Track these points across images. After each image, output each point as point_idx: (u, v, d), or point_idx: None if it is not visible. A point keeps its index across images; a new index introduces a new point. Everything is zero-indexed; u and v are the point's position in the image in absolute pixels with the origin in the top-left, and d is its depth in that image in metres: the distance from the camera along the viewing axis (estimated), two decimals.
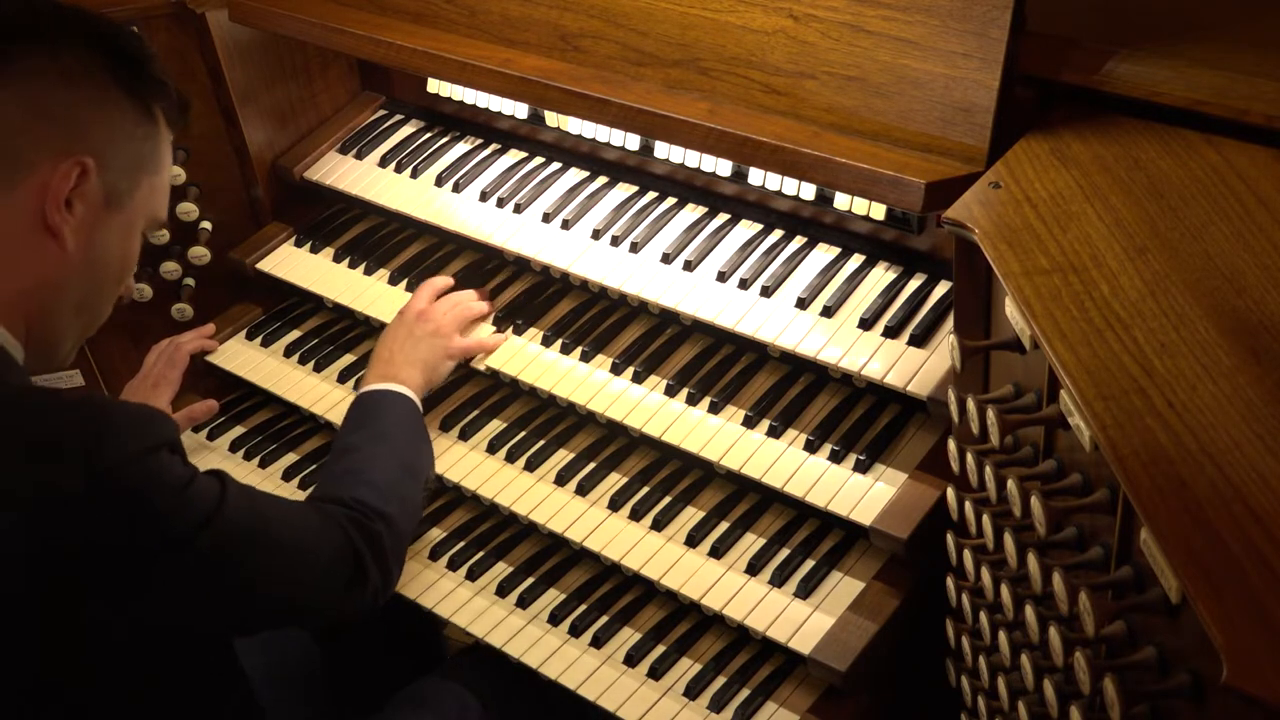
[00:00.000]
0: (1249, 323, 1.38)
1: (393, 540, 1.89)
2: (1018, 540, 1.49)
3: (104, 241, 1.58)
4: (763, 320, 2.09)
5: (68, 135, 1.51)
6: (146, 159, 1.61)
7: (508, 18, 2.27)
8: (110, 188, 1.56)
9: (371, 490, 1.91)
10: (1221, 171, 1.61)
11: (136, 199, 1.60)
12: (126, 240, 1.62)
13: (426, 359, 2.23)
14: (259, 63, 2.60)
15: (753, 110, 2.01)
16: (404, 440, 2.09)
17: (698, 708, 1.94)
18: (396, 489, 1.97)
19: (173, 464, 1.51)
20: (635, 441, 2.23)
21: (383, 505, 1.90)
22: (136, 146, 1.59)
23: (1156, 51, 1.73)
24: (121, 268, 1.64)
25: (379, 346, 2.27)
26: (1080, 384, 1.33)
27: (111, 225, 1.58)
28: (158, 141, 1.63)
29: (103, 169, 1.54)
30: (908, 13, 1.84)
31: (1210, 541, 1.15)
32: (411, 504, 2.02)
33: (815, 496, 1.96)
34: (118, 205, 1.58)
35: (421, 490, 2.08)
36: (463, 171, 2.54)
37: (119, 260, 1.62)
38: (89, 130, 1.53)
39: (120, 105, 1.57)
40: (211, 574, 1.56)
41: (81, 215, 1.54)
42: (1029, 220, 1.58)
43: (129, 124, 1.58)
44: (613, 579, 2.15)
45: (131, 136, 1.58)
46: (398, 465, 2.02)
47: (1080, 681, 1.30)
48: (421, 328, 2.26)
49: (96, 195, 1.54)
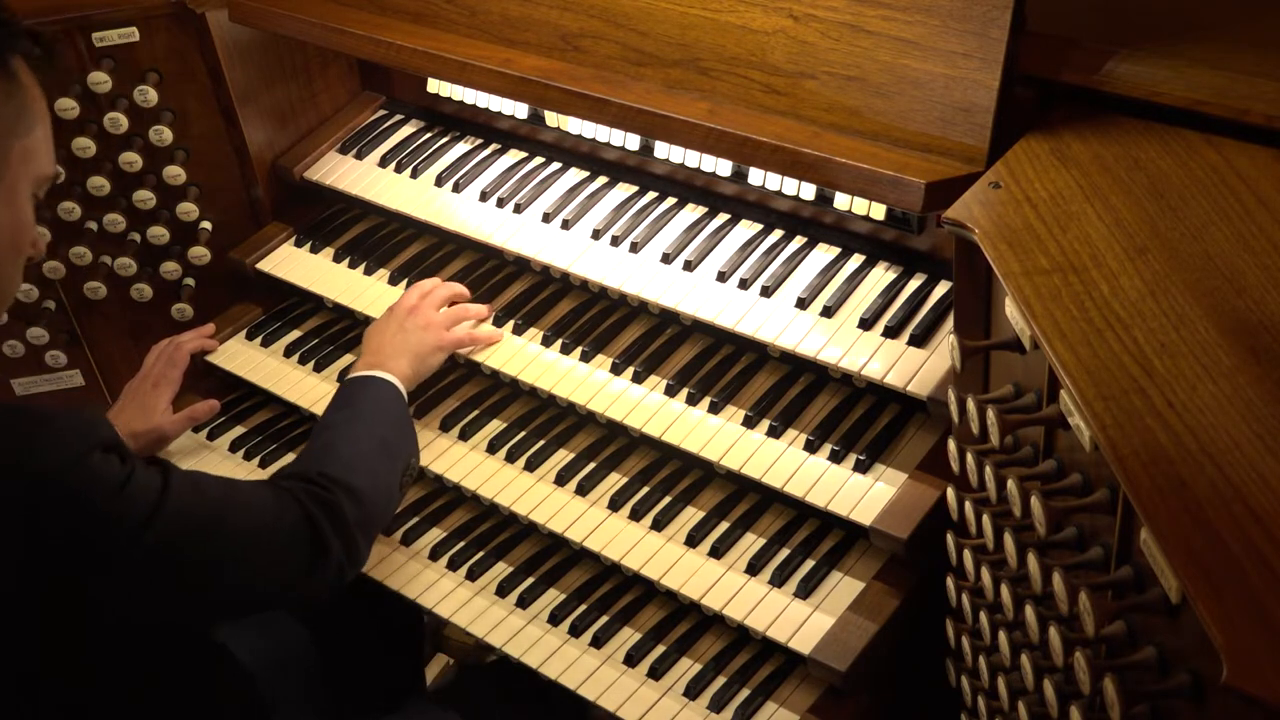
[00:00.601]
0: (1249, 323, 1.38)
1: (357, 511, 1.85)
2: (1018, 540, 1.49)
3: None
4: (763, 320, 2.09)
5: None
6: (13, 121, 1.52)
7: (508, 18, 2.27)
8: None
9: (337, 463, 1.89)
10: (1221, 171, 1.61)
11: (11, 165, 1.52)
12: (12, 208, 1.54)
13: (416, 350, 2.21)
14: (259, 63, 2.60)
15: (753, 110, 2.01)
16: (380, 419, 2.07)
17: (698, 708, 1.94)
18: (366, 462, 1.94)
19: (108, 463, 1.50)
20: (635, 441, 2.23)
21: (347, 477, 1.87)
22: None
23: (1156, 51, 1.73)
24: (15, 236, 1.56)
25: (367, 338, 2.27)
26: (1080, 384, 1.33)
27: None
28: (22, 99, 1.53)
29: None
30: (908, 13, 1.84)
31: (1210, 541, 1.15)
32: (385, 480, 1.99)
33: (815, 496, 1.96)
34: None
35: (401, 472, 2.06)
36: (463, 171, 2.54)
37: (10, 231, 1.54)
38: None
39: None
40: (166, 566, 1.55)
41: None
42: (1029, 220, 1.58)
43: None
44: (613, 579, 2.15)
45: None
46: (370, 441, 2.00)
47: (1080, 681, 1.30)
48: (412, 321, 2.25)
49: None
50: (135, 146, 2.56)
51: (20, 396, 2.82)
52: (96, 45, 2.47)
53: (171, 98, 2.55)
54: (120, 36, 2.48)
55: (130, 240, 2.65)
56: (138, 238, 2.65)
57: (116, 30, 2.47)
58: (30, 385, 2.81)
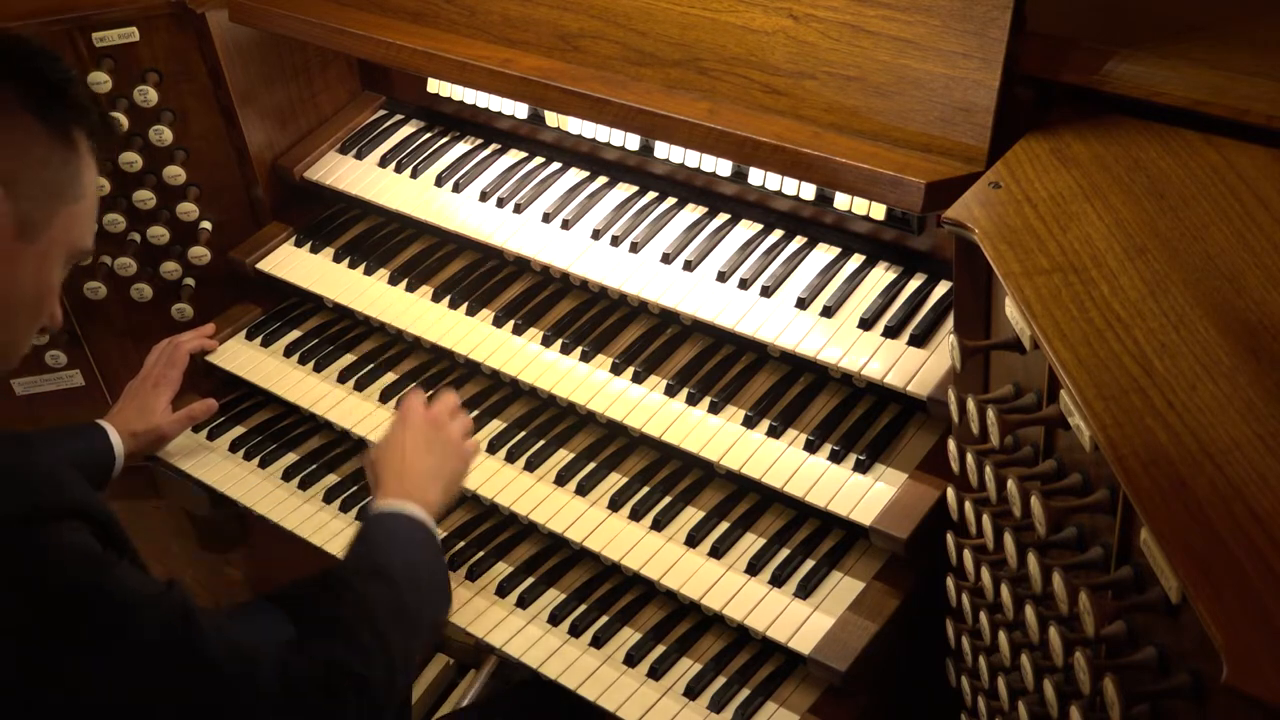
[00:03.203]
0: (1249, 323, 1.38)
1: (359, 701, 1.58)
2: (1018, 540, 1.49)
3: (16, 272, 1.50)
4: (763, 320, 2.09)
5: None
6: (64, 187, 1.53)
7: (508, 18, 2.27)
8: (22, 218, 1.48)
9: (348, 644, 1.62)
10: (1221, 171, 1.61)
11: (53, 229, 1.52)
12: (42, 272, 1.53)
13: (449, 475, 2.01)
14: (259, 63, 2.60)
15: (753, 110, 2.01)
16: (408, 581, 1.77)
17: (698, 708, 1.94)
18: (384, 640, 1.65)
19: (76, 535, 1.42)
20: (635, 441, 2.23)
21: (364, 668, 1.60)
22: (52, 175, 1.51)
23: (1156, 51, 1.73)
24: (39, 301, 1.55)
25: (385, 453, 2.00)
26: (1080, 384, 1.33)
27: (24, 257, 1.50)
28: (77, 168, 1.54)
29: (15, 198, 1.46)
30: (908, 13, 1.84)
31: (1210, 541, 1.15)
32: (401, 658, 1.69)
33: (815, 496, 1.96)
34: (30, 236, 1.49)
35: (422, 639, 1.82)
36: (463, 171, 2.54)
37: (33, 292, 1.53)
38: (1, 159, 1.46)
39: (32, 132, 1.49)
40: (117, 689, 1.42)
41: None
42: (1029, 220, 1.58)
43: (42, 150, 1.50)
44: (613, 579, 2.15)
45: (45, 164, 1.50)
46: (392, 613, 1.70)
47: (1080, 681, 1.31)
48: (436, 435, 2.02)
49: (8, 224, 1.47)
50: (135, 146, 2.56)
51: (21, 397, 2.82)
52: (96, 45, 2.47)
53: (171, 98, 2.55)
54: (120, 36, 2.48)
55: (130, 240, 2.65)
56: (137, 238, 2.65)
57: (116, 30, 2.47)
58: (30, 385, 2.81)
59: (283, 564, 2.45)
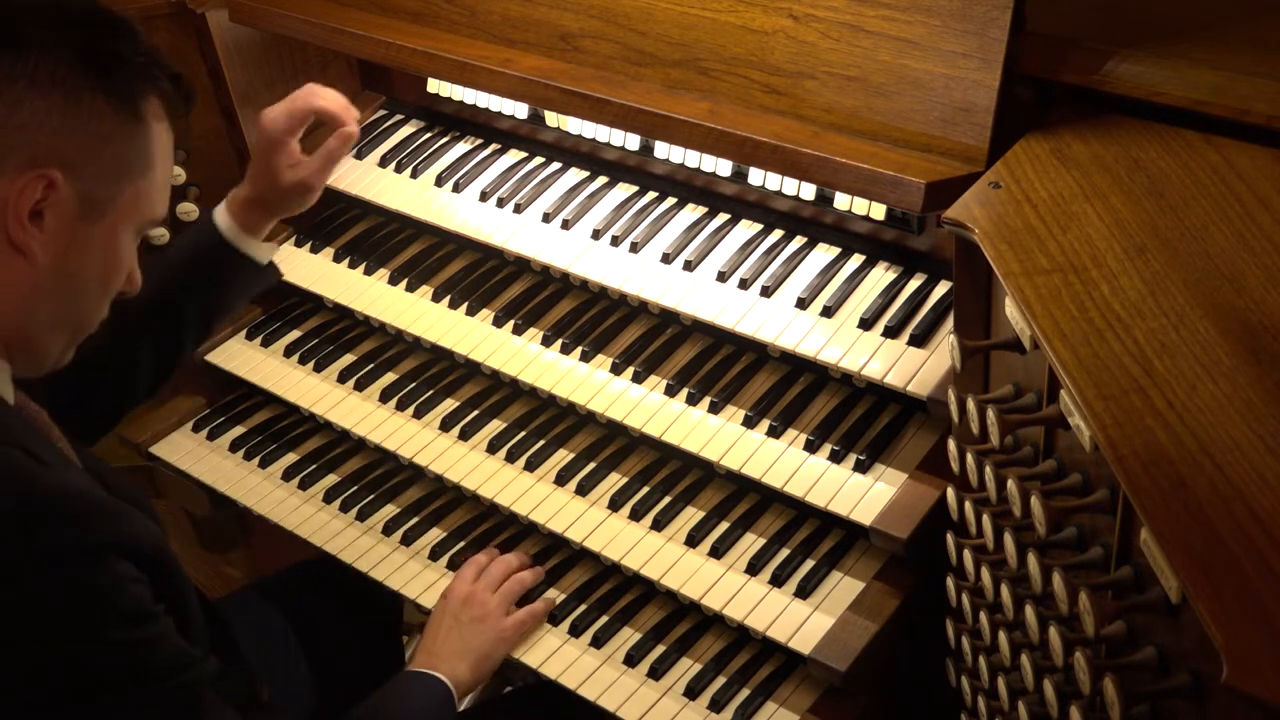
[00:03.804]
0: (1249, 323, 1.38)
1: None
2: (1018, 540, 1.49)
3: (82, 251, 1.47)
4: (763, 320, 2.09)
5: (34, 145, 1.41)
6: (132, 162, 1.49)
7: (508, 18, 2.27)
8: (86, 197, 1.45)
9: None
10: (1221, 171, 1.61)
11: (120, 205, 1.49)
12: (110, 246, 1.51)
13: (476, 649, 2.01)
14: (259, 63, 2.60)
15: (753, 110, 2.01)
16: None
17: (698, 708, 1.94)
18: None
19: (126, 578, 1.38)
20: (635, 441, 2.23)
21: None
22: (117, 150, 1.47)
23: (1156, 51, 1.73)
24: (106, 274, 1.52)
25: (425, 633, 2.07)
26: (1080, 384, 1.33)
27: (90, 234, 1.47)
28: (146, 141, 1.50)
29: (75, 178, 1.43)
30: (908, 13, 1.84)
31: (1210, 541, 1.15)
32: None
33: (815, 496, 1.96)
34: (97, 214, 1.47)
35: None
36: (463, 171, 2.54)
37: (102, 268, 1.51)
38: (58, 139, 1.42)
39: (96, 108, 1.44)
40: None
41: (54, 228, 1.43)
42: (1029, 220, 1.58)
43: (107, 128, 1.46)
44: (613, 579, 2.15)
45: (110, 140, 1.46)
46: None
47: (1080, 681, 1.31)
48: (468, 613, 2.04)
49: (70, 206, 1.44)
50: None
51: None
52: None
53: None
54: None
55: None
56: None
57: None
58: None
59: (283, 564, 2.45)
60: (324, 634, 2.26)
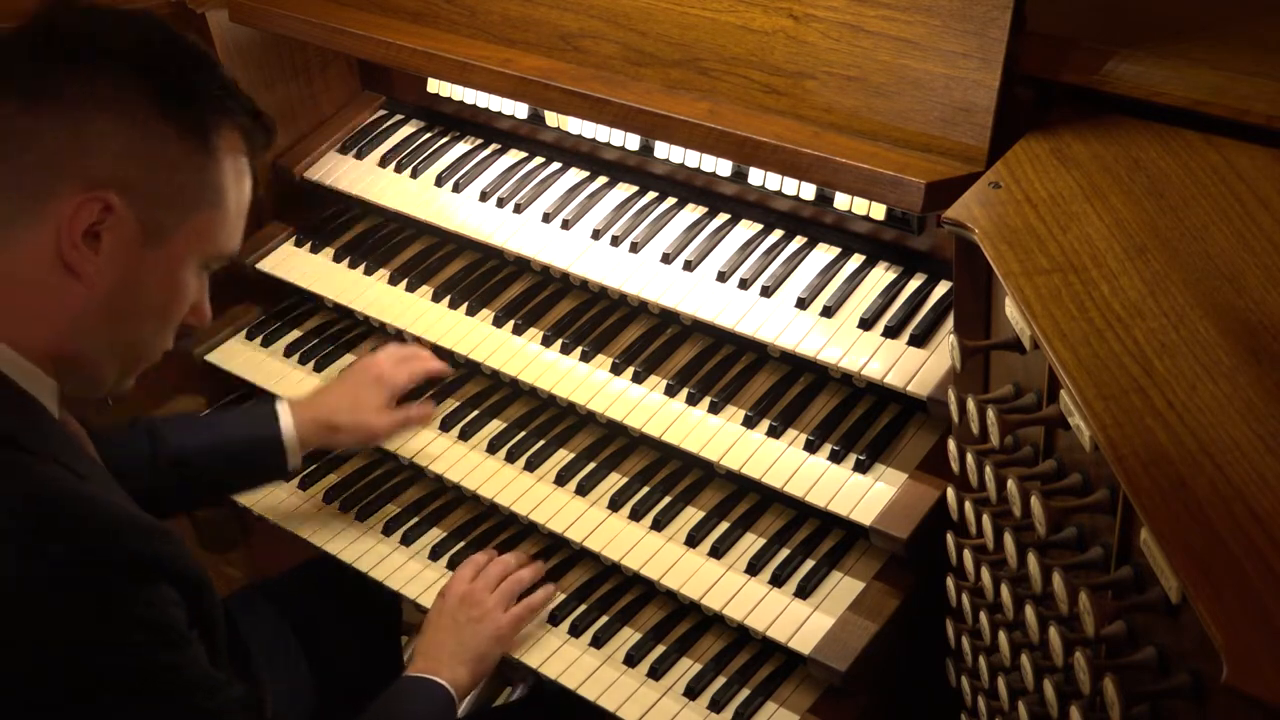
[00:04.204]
0: (1249, 323, 1.38)
1: None
2: (1018, 540, 1.49)
3: (141, 278, 1.44)
4: (763, 320, 2.09)
5: (98, 167, 1.39)
6: (199, 191, 1.46)
7: (508, 18, 2.27)
8: (149, 222, 1.42)
9: None
10: (1221, 171, 1.61)
11: (185, 234, 1.46)
12: (173, 276, 1.48)
13: (474, 649, 1.99)
14: (259, 63, 2.60)
15: (753, 110, 2.01)
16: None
17: (698, 708, 1.94)
18: None
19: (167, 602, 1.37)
20: (635, 441, 2.23)
21: None
22: (184, 179, 1.44)
23: (1156, 51, 1.73)
24: (167, 305, 1.49)
25: (423, 633, 2.05)
26: (1080, 384, 1.33)
27: (150, 261, 1.44)
28: (216, 173, 1.47)
29: (138, 203, 1.41)
30: (908, 13, 1.84)
31: (1210, 541, 1.15)
32: None
33: (815, 496, 1.96)
34: (157, 240, 1.44)
35: None
36: (463, 171, 2.54)
37: (161, 298, 1.48)
38: (121, 163, 1.40)
39: (163, 135, 1.42)
40: None
41: (111, 251, 1.41)
42: (1029, 220, 1.58)
43: (173, 155, 1.43)
44: (613, 579, 2.15)
45: (176, 168, 1.43)
46: None
47: (1080, 681, 1.31)
48: (465, 613, 2.03)
49: (130, 230, 1.41)
50: None
51: None
52: None
53: None
54: None
55: None
56: None
57: None
58: None
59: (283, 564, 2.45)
60: (324, 634, 2.25)
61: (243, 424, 2.16)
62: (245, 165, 1.53)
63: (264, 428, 2.13)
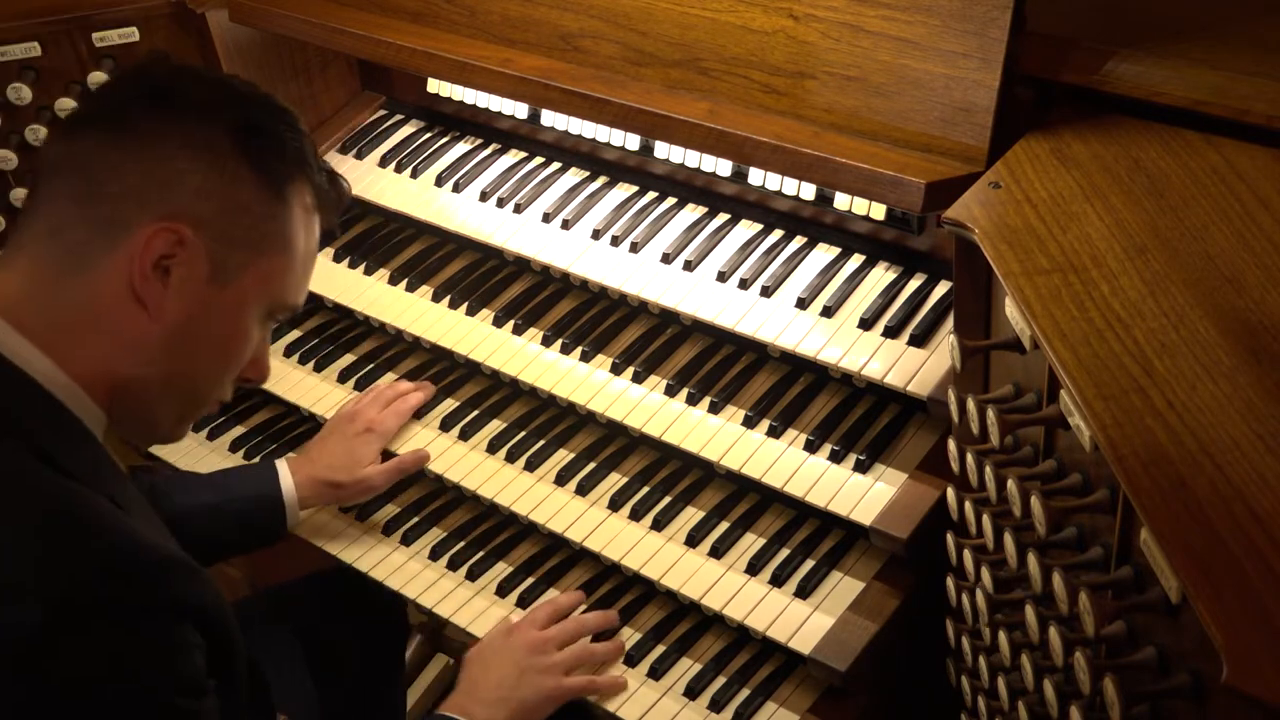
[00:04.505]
0: (1249, 323, 1.38)
1: None
2: (1018, 540, 1.49)
3: (204, 316, 1.47)
4: (763, 320, 2.09)
5: (175, 201, 1.43)
6: (267, 236, 1.50)
7: (508, 18, 2.27)
8: (218, 260, 1.46)
9: None
10: (1221, 171, 1.61)
11: (250, 276, 1.49)
12: (235, 319, 1.51)
13: (524, 700, 1.91)
14: (259, 63, 2.60)
15: (753, 110, 2.01)
16: None
17: (698, 708, 1.94)
18: None
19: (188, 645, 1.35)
20: (635, 441, 2.23)
21: None
22: (253, 221, 1.48)
23: (1156, 51, 1.73)
24: (227, 348, 1.53)
25: (473, 661, 1.97)
26: (1080, 384, 1.33)
27: (215, 301, 1.47)
28: (286, 220, 1.52)
29: (210, 240, 1.45)
30: (908, 13, 1.84)
31: (1210, 541, 1.15)
32: None
33: (815, 496, 1.96)
34: (224, 280, 1.47)
35: None
36: (463, 171, 2.54)
37: (222, 340, 1.51)
38: (197, 199, 1.44)
39: (239, 176, 1.47)
40: None
41: (179, 286, 1.44)
42: (1029, 220, 1.58)
43: (245, 197, 1.47)
44: (613, 579, 2.15)
45: (247, 209, 1.48)
46: None
47: (1080, 681, 1.31)
48: (530, 662, 1.94)
49: (200, 267, 1.45)
50: None
51: None
52: (96, 45, 2.47)
53: None
54: (120, 36, 2.48)
55: None
56: None
57: (116, 30, 2.47)
58: None
59: (283, 565, 2.45)
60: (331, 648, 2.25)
61: (243, 484, 2.19)
62: (315, 223, 1.58)
63: (265, 486, 2.16)
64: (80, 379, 1.43)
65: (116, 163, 1.44)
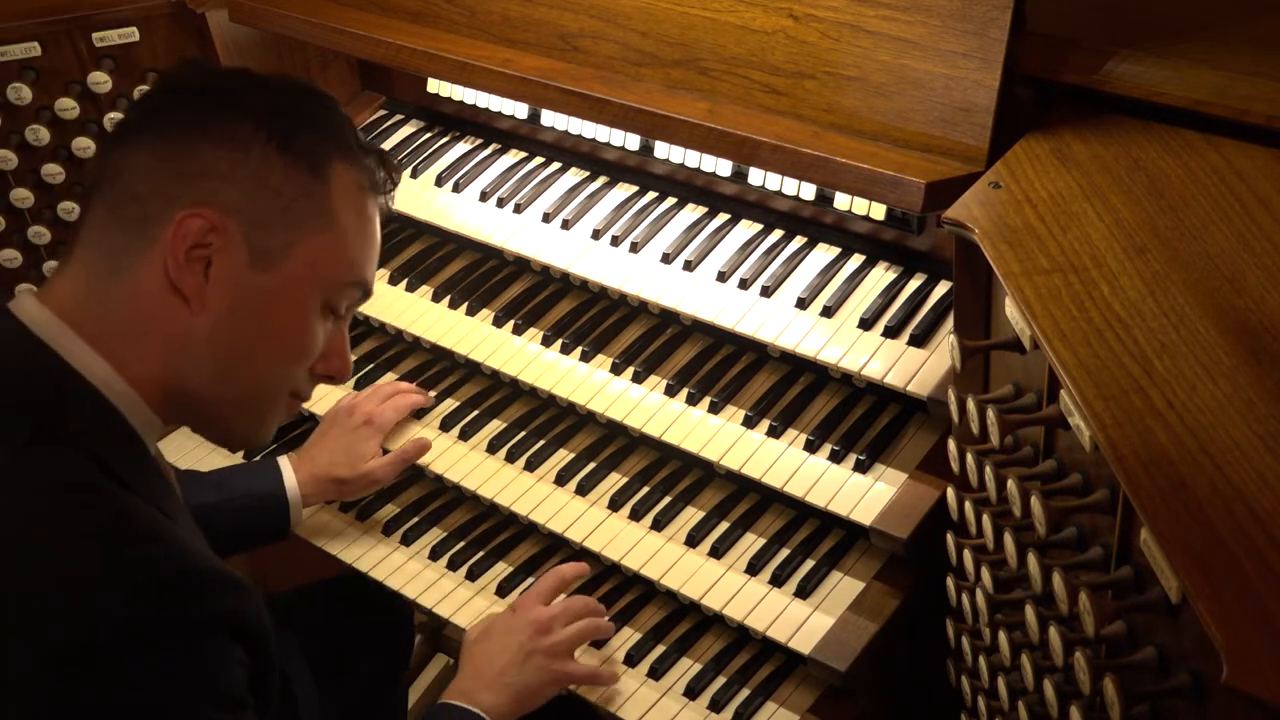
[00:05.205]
0: (1249, 323, 1.38)
1: None
2: (1018, 540, 1.49)
3: (251, 306, 1.46)
4: (763, 320, 2.09)
5: (200, 191, 1.43)
6: (306, 218, 1.48)
7: (508, 18, 2.27)
8: (255, 245, 1.44)
9: None
10: (1221, 171, 1.61)
11: (295, 259, 1.47)
12: (286, 307, 1.48)
13: (529, 683, 1.90)
14: (259, 63, 2.60)
15: (753, 110, 2.01)
16: None
17: (698, 708, 1.94)
18: None
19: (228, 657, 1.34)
20: (635, 441, 2.23)
21: None
22: (287, 202, 1.46)
23: (1156, 51, 1.73)
24: (285, 339, 1.50)
25: (478, 645, 1.95)
26: (1080, 384, 1.33)
27: (261, 288, 1.46)
28: (324, 198, 1.49)
29: (243, 223, 1.43)
30: (908, 13, 1.84)
31: (1210, 541, 1.15)
32: None
33: (815, 496, 1.96)
34: (266, 264, 1.45)
35: None
36: (463, 171, 2.54)
37: (276, 330, 1.49)
38: (226, 185, 1.43)
39: (268, 160, 1.45)
40: None
41: (219, 276, 1.43)
42: (1029, 220, 1.58)
43: (277, 179, 1.45)
44: (613, 579, 2.15)
45: (279, 193, 1.46)
46: None
47: (1080, 681, 1.31)
48: (535, 644, 1.92)
49: (237, 253, 1.44)
50: None
51: None
52: (96, 45, 2.47)
53: None
54: (120, 36, 2.48)
55: None
56: None
57: (116, 30, 2.47)
58: None
59: (283, 565, 2.45)
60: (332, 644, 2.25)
61: (246, 482, 2.17)
62: (368, 201, 1.57)
63: (268, 484, 2.16)
64: (135, 382, 1.43)
65: (143, 164, 1.45)
